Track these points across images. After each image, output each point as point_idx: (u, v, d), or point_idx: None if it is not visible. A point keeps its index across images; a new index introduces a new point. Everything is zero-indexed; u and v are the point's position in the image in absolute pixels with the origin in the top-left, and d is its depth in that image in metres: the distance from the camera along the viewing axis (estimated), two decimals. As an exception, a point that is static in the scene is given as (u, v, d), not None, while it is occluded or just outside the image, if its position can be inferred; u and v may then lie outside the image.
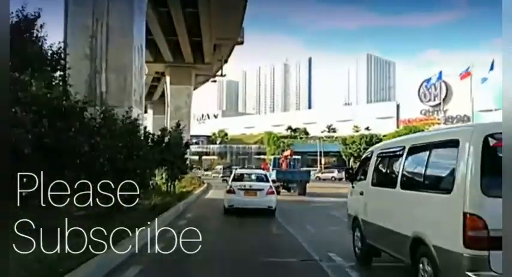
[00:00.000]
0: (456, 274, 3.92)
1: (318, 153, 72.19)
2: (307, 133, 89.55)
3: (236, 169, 24.14)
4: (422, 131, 29.03)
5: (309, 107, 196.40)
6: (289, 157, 25.77)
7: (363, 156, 7.13)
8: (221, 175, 43.94)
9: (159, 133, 15.38)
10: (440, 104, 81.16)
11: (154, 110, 52.30)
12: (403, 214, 5.13)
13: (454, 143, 4.27)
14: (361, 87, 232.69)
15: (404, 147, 5.42)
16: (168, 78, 37.96)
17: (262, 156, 57.14)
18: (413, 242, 4.68)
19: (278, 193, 18.35)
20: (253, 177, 15.02)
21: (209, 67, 37.39)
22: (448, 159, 4.35)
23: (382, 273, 6.34)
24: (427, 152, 4.82)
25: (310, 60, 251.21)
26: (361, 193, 6.66)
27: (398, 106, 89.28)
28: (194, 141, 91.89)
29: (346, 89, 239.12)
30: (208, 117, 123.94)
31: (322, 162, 70.16)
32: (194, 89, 47.26)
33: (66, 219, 4.67)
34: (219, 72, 41.02)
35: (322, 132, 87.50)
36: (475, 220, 3.82)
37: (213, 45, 33.05)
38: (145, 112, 60.74)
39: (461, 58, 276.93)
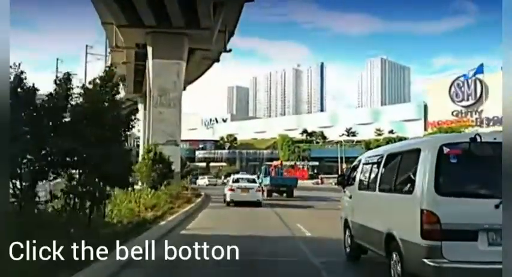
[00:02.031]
0: (415, 261, 5.19)
1: (339, 159, 72.65)
2: (324, 137, 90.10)
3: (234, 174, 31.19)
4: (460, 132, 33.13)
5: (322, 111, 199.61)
6: (278, 166, 35.34)
7: (353, 164, 8.47)
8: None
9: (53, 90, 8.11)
10: (474, 104, 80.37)
11: (145, 103, 44.60)
12: (380, 214, 6.45)
13: (417, 152, 5.59)
14: (376, 92, 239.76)
15: (383, 156, 6.73)
16: (150, 50, 29.17)
17: (275, 163, 58.13)
18: (387, 238, 5.96)
19: (270, 196, 27.83)
20: (246, 180, 23.53)
21: (208, 36, 28.76)
22: (413, 165, 5.63)
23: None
24: (399, 160, 6.17)
25: (322, 65, 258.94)
26: (350, 197, 8.02)
27: (426, 107, 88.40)
28: (201, 146, 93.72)
29: (359, 94, 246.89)
30: (217, 121, 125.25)
31: (344, 167, 70.01)
32: (194, 80, 40.68)
33: None
34: (224, 48, 32.03)
35: (340, 135, 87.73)
36: (430, 215, 5.07)
37: (211, 2, 26.39)
38: (136, 110, 58.81)
39: (477, 62, 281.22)
